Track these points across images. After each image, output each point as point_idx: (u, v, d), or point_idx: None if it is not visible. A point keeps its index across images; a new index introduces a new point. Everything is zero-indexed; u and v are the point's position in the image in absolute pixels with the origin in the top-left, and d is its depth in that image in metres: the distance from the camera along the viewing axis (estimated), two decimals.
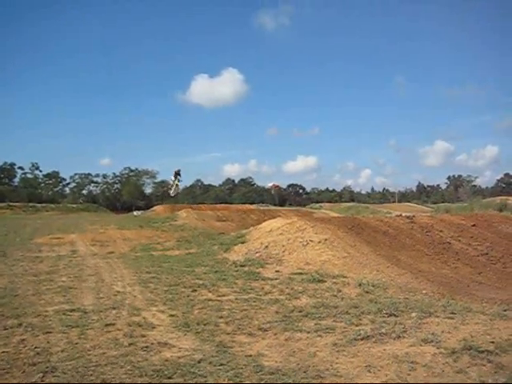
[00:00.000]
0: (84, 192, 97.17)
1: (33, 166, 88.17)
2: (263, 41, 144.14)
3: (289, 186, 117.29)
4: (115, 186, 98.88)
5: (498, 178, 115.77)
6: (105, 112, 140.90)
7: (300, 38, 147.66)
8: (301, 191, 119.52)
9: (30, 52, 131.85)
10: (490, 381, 4.00)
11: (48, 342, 5.43)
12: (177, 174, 39.43)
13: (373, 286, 8.81)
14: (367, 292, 8.41)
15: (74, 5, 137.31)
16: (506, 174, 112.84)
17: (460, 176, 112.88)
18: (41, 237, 19.05)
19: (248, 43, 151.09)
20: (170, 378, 4.37)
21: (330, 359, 4.88)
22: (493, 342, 5.02)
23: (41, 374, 4.41)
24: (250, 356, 5.03)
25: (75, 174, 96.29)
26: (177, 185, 39.86)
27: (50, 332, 5.86)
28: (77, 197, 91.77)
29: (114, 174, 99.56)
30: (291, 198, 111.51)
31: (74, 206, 70.43)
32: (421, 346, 5.15)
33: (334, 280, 9.46)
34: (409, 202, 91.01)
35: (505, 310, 6.75)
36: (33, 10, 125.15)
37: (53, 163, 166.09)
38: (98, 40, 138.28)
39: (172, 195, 42.31)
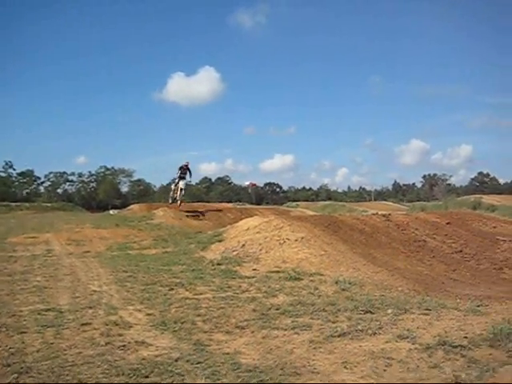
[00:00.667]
0: (59, 191, 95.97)
1: (6, 164, 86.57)
2: (240, 39, 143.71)
3: (266, 184, 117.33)
4: (91, 184, 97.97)
5: (472, 176, 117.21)
6: (81, 111, 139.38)
7: (277, 37, 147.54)
8: (278, 190, 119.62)
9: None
10: (463, 375, 4.07)
11: (23, 343, 5.35)
12: (185, 169, 25.45)
13: (349, 283, 8.87)
14: (344, 289, 8.47)
15: None
16: (480, 173, 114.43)
17: (435, 175, 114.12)
18: (15, 236, 18.71)
19: (225, 42, 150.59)
20: (147, 377, 4.35)
21: (307, 356, 4.91)
22: (466, 337, 5.11)
23: (15, 375, 4.34)
24: (228, 354, 5.03)
25: (50, 173, 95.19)
26: (181, 189, 25.00)
27: (25, 332, 5.78)
28: (52, 196, 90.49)
29: (90, 172, 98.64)
30: (268, 196, 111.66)
31: (49, 204, 69.16)
32: (396, 342, 5.22)
33: (311, 278, 9.51)
34: (385, 200, 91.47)
35: (478, 306, 6.87)
36: None
37: (27, 162, 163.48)
38: (73, 40, 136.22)
39: (171, 201, 26.57)
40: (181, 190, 24.58)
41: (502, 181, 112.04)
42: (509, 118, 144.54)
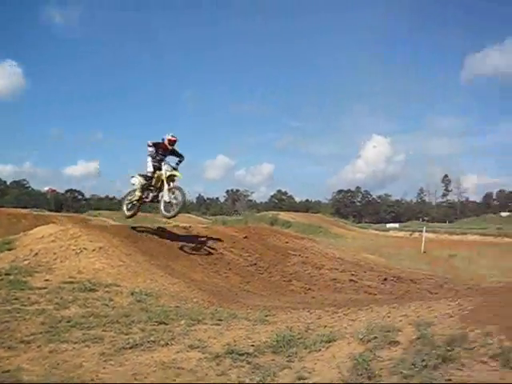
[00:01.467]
0: None
1: None
2: (49, 37, 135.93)
3: (67, 191, 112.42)
4: None
5: (272, 193, 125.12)
6: None
7: (88, 38, 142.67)
8: (80, 197, 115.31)
9: None
10: (247, 380, 4.30)
11: None
12: (167, 149, 14.37)
13: (146, 294, 8.85)
14: (139, 301, 8.41)
15: None
16: (279, 191, 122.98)
17: (238, 190, 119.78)
18: None
19: (31, 37, 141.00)
20: None
21: (96, 369, 4.78)
22: (253, 345, 5.41)
23: None
24: (8, 372, 4.68)
25: None
26: (171, 178, 13.74)
27: None
28: None
29: None
30: (69, 203, 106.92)
31: None
32: (187, 351, 5.33)
33: (107, 289, 9.28)
34: (188, 213, 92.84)
35: (266, 316, 7.30)
36: None
37: None
38: None
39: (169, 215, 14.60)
40: (170, 179, 13.60)
41: (297, 199, 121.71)
42: (306, 142, 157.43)
